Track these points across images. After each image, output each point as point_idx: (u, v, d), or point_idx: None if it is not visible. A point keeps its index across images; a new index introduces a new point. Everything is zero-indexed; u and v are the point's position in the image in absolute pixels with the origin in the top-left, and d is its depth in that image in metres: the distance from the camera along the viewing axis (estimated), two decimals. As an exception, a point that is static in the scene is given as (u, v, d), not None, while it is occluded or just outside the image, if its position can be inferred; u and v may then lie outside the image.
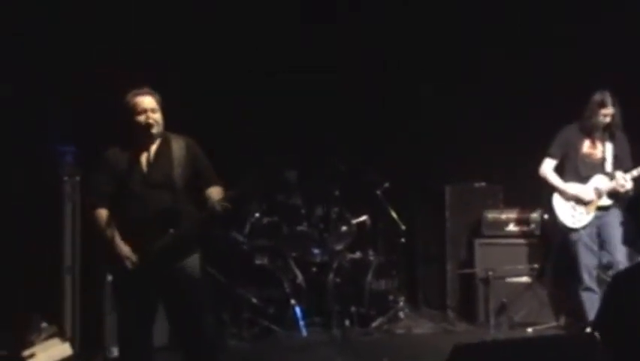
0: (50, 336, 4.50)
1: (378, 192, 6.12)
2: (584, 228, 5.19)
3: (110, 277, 4.72)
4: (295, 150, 6.08)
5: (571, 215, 5.23)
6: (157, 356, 4.15)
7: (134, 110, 3.65)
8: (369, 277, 5.82)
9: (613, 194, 5.15)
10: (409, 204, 6.45)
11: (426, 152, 6.46)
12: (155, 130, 3.67)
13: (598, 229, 5.20)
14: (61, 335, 4.58)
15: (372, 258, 6.00)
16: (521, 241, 5.92)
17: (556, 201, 5.30)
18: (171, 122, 3.77)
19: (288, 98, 6.34)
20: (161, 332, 4.75)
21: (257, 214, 5.83)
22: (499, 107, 6.10)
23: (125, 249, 3.57)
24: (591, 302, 5.14)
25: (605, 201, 5.16)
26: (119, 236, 3.59)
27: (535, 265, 5.80)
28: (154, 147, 3.71)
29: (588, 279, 5.20)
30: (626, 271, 3.46)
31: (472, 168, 6.31)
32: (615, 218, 5.13)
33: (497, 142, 6.13)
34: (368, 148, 6.52)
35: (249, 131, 6.16)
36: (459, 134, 6.30)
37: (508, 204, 6.15)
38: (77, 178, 4.71)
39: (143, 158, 3.69)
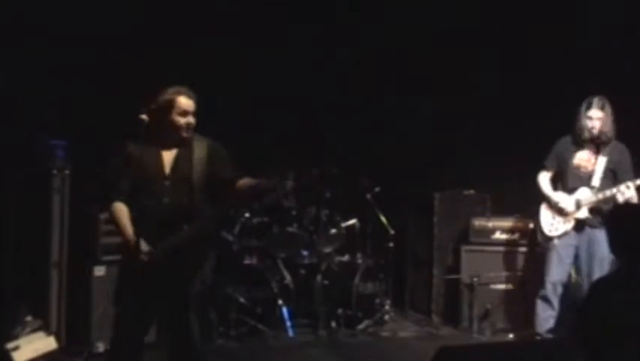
0: (35, 330, 4.35)
1: (369, 196, 6.04)
2: (559, 237, 5.00)
3: (99, 273, 4.72)
4: (291, 151, 6.00)
5: (550, 223, 5.07)
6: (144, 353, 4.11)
7: (174, 109, 3.52)
8: (357, 279, 5.71)
9: (595, 209, 4.94)
10: (398, 210, 6.36)
11: (417, 158, 6.38)
12: (189, 135, 3.57)
13: (577, 245, 4.98)
14: (47, 328, 4.44)
15: (360, 261, 5.88)
16: (507, 249, 5.83)
17: (542, 209, 5.16)
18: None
19: (287, 97, 6.26)
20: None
21: (247, 214, 5.73)
22: (491, 116, 5.99)
23: (143, 243, 3.42)
24: (544, 314, 4.99)
25: (583, 214, 4.95)
26: (135, 231, 3.45)
27: (520, 273, 5.71)
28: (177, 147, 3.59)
29: (550, 291, 5.00)
30: (606, 278, 3.41)
31: (461, 176, 6.24)
32: (599, 238, 4.86)
33: (487, 151, 6.04)
34: (360, 152, 6.44)
35: (249, 131, 6.08)
36: (450, 142, 6.21)
37: (496, 213, 6.06)
38: (67, 172, 4.58)
39: (165, 156, 3.55)
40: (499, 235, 5.90)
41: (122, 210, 3.51)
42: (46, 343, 4.37)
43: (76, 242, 4.73)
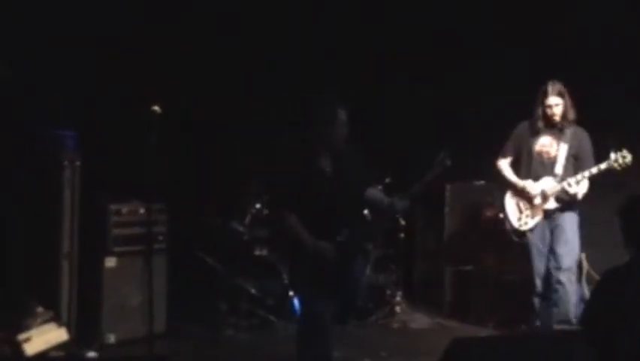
0: (46, 321, 4.29)
1: (380, 187, 5.95)
2: (530, 231, 4.90)
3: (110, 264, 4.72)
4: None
5: (517, 217, 4.95)
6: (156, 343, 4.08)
7: (338, 121, 3.83)
8: (368, 271, 5.63)
9: (562, 198, 4.81)
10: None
11: (428, 149, 6.29)
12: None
13: (550, 232, 4.89)
14: (58, 320, 4.40)
15: (370, 252, 5.83)
16: (517, 240, 5.73)
17: (507, 199, 5.01)
18: (172, 122, 3.62)
19: (286, 95, 6.19)
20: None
21: (258, 205, 5.65)
22: (501, 107, 5.88)
23: (324, 243, 3.65)
24: (542, 309, 4.90)
25: (551, 205, 4.83)
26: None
27: (530, 264, 5.59)
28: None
29: (540, 285, 4.91)
30: (615, 269, 3.33)
31: (472, 167, 6.15)
32: (567, 222, 4.82)
33: (498, 142, 5.95)
34: (371, 143, 6.36)
35: (249, 130, 5.99)
36: (460, 132, 6.09)
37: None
38: (77, 163, 4.51)
39: (325, 162, 3.80)
40: (509, 226, 5.80)
41: (295, 216, 3.67)
42: (58, 334, 4.32)
43: (87, 233, 4.67)
